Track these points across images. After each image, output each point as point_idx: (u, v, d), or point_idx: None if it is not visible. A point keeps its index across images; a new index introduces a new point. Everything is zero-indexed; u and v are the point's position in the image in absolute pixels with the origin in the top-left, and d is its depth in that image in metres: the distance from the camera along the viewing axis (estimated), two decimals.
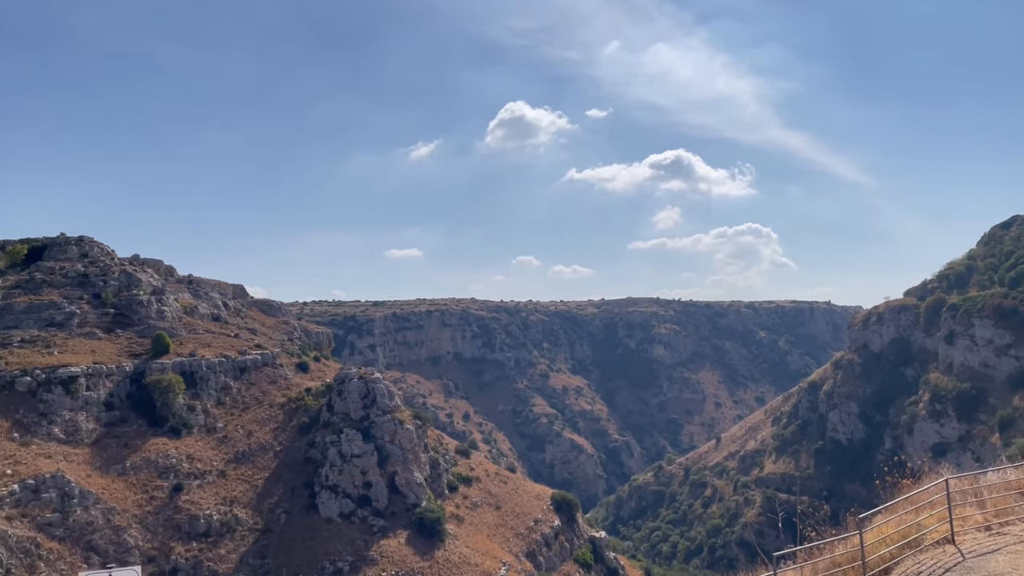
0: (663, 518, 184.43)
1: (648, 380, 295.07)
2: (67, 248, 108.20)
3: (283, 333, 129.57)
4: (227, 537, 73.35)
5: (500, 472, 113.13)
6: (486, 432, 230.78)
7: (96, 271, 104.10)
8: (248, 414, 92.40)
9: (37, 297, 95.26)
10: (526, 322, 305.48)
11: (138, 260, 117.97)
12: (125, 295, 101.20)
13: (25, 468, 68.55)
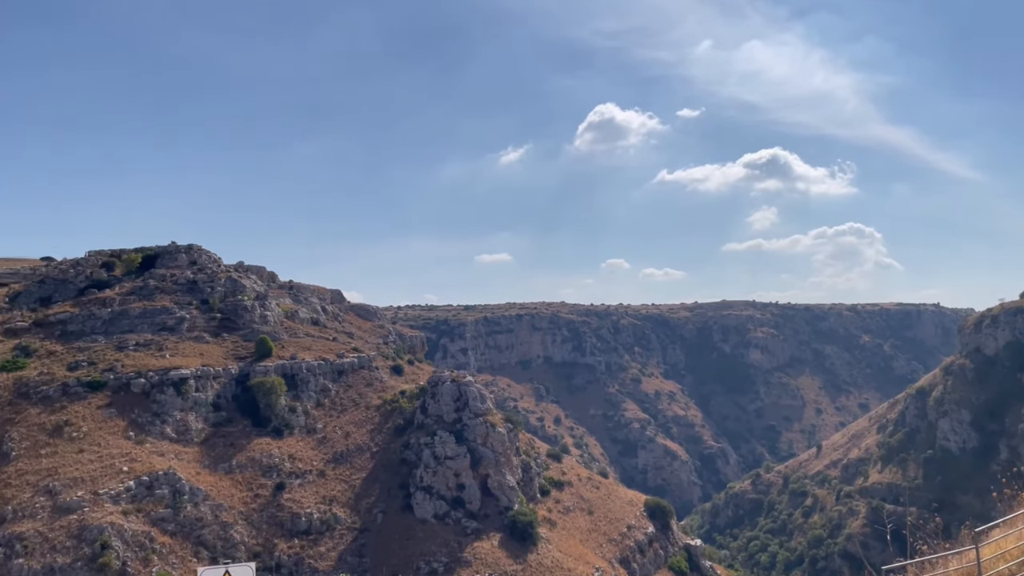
0: (761, 527, 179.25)
1: (744, 385, 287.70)
2: (177, 256, 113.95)
3: (378, 337, 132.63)
4: (327, 535, 75.55)
5: (592, 477, 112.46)
6: (577, 436, 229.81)
7: (204, 278, 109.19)
8: (346, 415, 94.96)
9: (151, 303, 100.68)
10: (617, 326, 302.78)
11: (243, 267, 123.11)
12: (231, 300, 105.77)
13: (140, 465, 72.41)
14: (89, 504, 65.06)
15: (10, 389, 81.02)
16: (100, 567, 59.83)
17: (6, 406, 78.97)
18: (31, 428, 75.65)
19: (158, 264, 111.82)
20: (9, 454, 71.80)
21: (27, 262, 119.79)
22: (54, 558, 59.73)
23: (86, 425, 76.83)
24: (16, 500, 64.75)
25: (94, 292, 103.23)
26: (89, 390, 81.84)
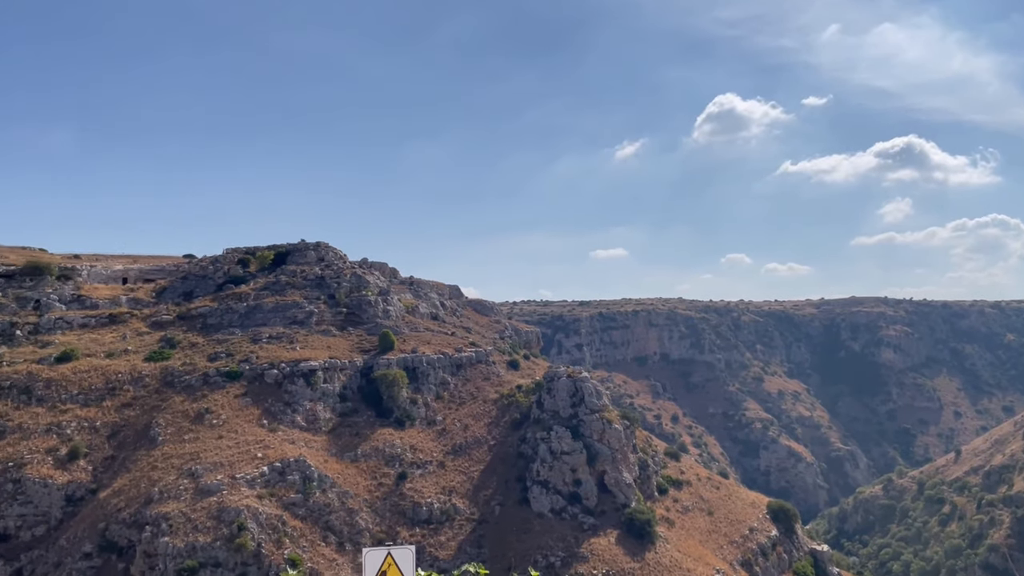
0: (893, 534, 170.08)
1: (874, 386, 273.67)
2: (306, 253, 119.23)
3: (495, 332, 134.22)
4: (446, 525, 77.21)
5: (712, 477, 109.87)
6: (696, 435, 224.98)
7: (331, 274, 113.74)
8: (464, 408, 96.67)
9: (282, 298, 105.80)
10: (737, 322, 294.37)
11: (366, 263, 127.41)
12: (355, 296, 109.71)
13: (273, 452, 76.21)
14: (227, 487, 69.02)
15: (157, 378, 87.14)
16: (237, 547, 63.35)
17: (154, 394, 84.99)
18: (175, 415, 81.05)
19: (289, 261, 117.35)
20: (156, 438, 77.20)
21: (171, 259, 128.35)
22: (196, 537, 63.72)
23: (225, 413, 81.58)
24: (162, 482, 69.49)
25: (231, 287, 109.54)
26: (227, 380, 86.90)
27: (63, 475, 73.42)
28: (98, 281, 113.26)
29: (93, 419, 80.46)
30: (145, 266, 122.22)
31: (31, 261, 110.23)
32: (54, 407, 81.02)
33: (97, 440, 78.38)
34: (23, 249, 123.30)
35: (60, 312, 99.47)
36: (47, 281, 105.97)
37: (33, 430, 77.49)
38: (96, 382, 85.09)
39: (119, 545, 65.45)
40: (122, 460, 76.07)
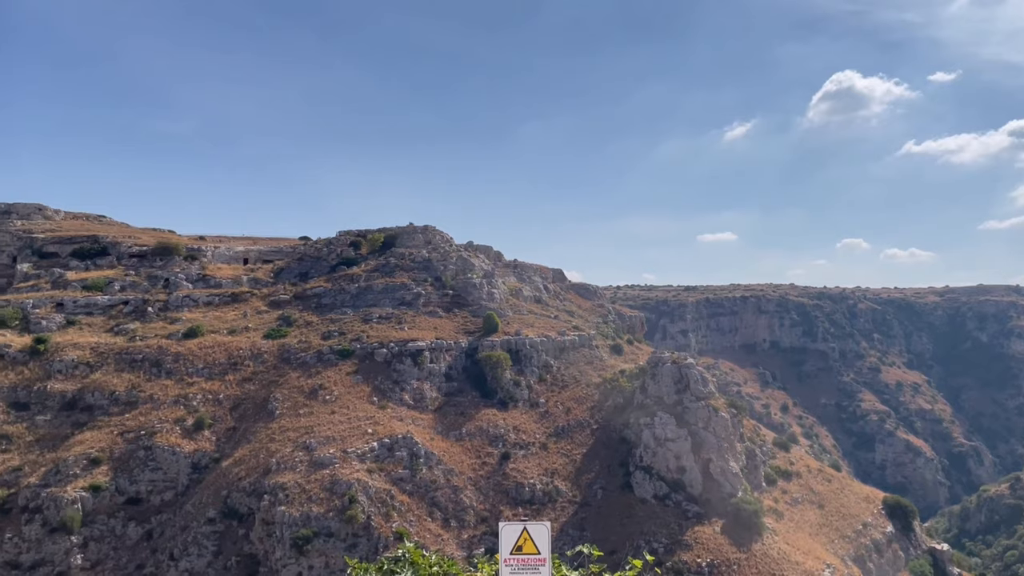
0: (1020, 536, 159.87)
1: (1004, 379, 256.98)
2: (414, 236, 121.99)
3: (598, 316, 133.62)
4: (548, 506, 77.79)
5: (823, 469, 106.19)
6: (806, 426, 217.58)
7: (437, 256, 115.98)
8: (566, 392, 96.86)
9: (391, 279, 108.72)
10: (853, 310, 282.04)
11: (472, 246, 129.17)
12: (461, 278, 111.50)
13: (382, 428, 78.68)
14: (339, 461, 71.79)
15: (275, 354, 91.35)
16: (348, 519, 65.88)
17: (271, 369, 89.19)
18: (292, 390, 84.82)
19: (398, 243, 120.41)
20: (274, 412, 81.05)
21: (288, 241, 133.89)
22: (310, 508, 66.64)
23: (337, 389, 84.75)
24: (279, 454, 72.95)
25: (344, 269, 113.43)
26: (340, 358, 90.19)
27: (190, 444, 78.20)
28: (221, 261, 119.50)
29: (216, 392, 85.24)
30: (264, 248, 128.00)
31: (161, 242, 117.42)
32: (181, 380, 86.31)
33: (220, 412, 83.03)
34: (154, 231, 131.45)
35: (187, 290, 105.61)
36: (175, 261, 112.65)
37: (163, 401, 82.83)
38: (219, 357, 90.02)
39: (240, 512, 69.23)
40: (243, 431, 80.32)
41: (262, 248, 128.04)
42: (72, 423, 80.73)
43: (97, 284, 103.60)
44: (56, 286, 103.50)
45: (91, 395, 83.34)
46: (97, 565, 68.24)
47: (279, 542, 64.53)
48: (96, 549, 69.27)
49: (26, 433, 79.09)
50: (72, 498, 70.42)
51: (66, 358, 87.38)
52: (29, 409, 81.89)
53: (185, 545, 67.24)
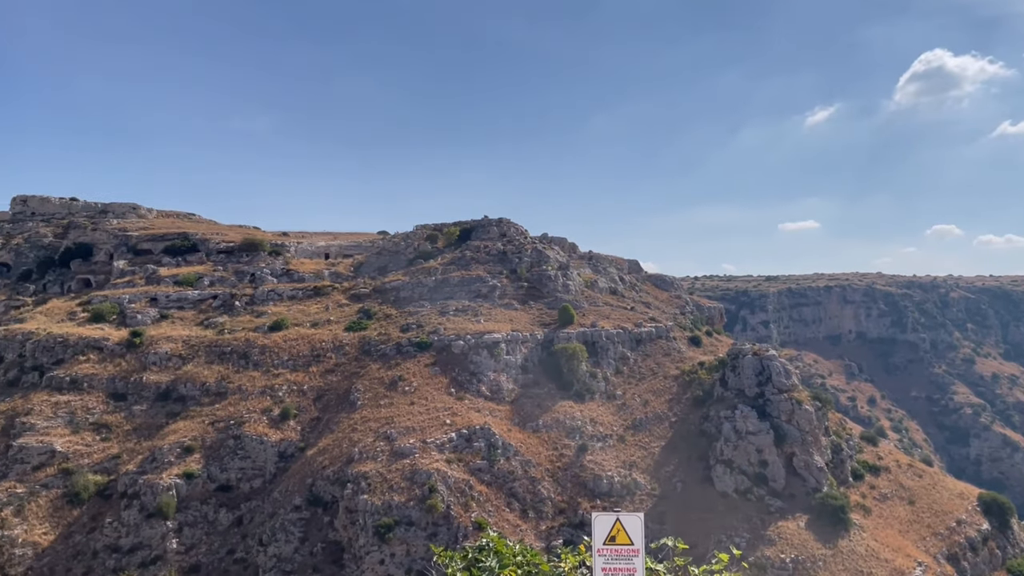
0: None
1: None
2: (489, 229, 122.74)
3: (675, 307, 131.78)
4: (627, 499, 77.29)
5: (914, 464, 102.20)
6: (895, 420, 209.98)
7: (512, 249, 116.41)
8: (644, 384, 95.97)
9: (467, 272, 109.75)
10: (945, 299, 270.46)
11: (546, 238, 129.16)
12: (536, 270, 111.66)
13: (460, 419, 79.57)
14: (419, 451, 72.98)
15: (356, 347, 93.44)
16: (428, 508, 66.95)
17: (353, 361, 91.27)
18: (372, 381, 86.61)
19: (473, 236, 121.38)
20: (356, 403, 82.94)
21: (367, 236, 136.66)
22: (391, 496, 67.98)
23: (416, 381, 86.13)
24: (361, 443, 74.62)
25: (421, 262, 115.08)
26: (418, 350, 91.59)
27: (276, 433, 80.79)
28: (304, 256, 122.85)
29: (301, 383, 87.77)
30: (344, 242, 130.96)
31: (247, 238, 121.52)
32: (268, 371, 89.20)
33: (304, 402, 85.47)
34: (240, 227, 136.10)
35: (272, 285, 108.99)
36: (261, 257, 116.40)
37: (250, 392, 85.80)
38: (303, 349, 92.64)
39: (324, 500, 71.17)
40: (326, 421, 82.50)
41: (342, 243, 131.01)
42: (166, 413, 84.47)
43: (188, 279, 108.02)
44: (150, 282, 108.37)
45: (183, 386, 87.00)
46: (191, 549, 71.27)
47: (362, 530, 66.07)
48: (190, 534, 72.34)
49: (124, 422, 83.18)
50: (167, 485, 73.72)
51: (160, 351, 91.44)
52: (127, 399, 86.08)
53: (273, 531, 69.53)
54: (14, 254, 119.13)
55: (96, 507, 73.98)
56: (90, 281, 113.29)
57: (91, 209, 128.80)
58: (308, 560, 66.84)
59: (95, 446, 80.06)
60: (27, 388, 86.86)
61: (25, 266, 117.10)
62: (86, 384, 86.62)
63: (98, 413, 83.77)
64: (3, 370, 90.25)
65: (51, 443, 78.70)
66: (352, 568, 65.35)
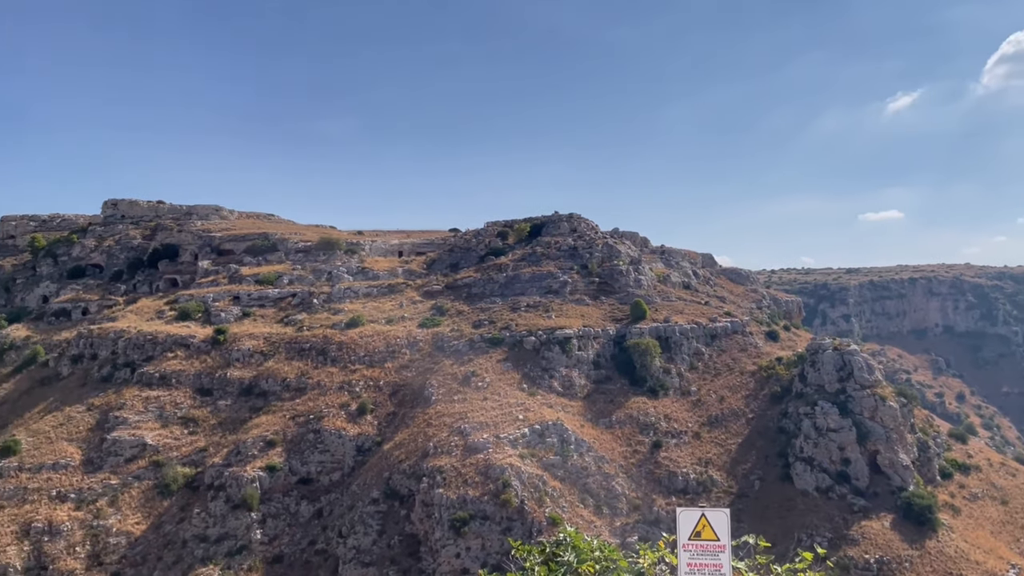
0: None
1: None
2: (560, 224, 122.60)
3: (751, 301, 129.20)
4: (703, 496, 76.22)
5: (1006, 462, 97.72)
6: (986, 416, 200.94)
7: (583, 244, 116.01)
8: (719, 380, 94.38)
9: (538, 268, 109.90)
10: None
11: (617, 233, 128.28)
12: (607, 265, 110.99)
13: (532, 415, 79.79)
14: (492, 446, 73.50)
15: (429, 343, 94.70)
16: (502, 503, 67.38)
17: (427, 357, 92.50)
18: (446, 377, 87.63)
19: (543, 232, 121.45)
20: (430, 398, 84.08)
21: (439, 233, 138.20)
22: (466, 491, 68.69)
23: (488, 376, 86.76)
24: (436, 438, 75.62)
25: (492, 259, 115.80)
26: (490, 346, 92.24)
27: (354, 428, 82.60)
28: (378, 254, 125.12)
29: (377, 379, 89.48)
30: (417, 240, 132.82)
31: (324, 238, 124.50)
32: (345, 367, 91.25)
33: (380, 397, 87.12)
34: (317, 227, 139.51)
35: (348, 283, 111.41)
36: (337, 255, 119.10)
37: (329, 387, 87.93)
38: (378, 345, 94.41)
39: (401, 493, 72.42)
40: (401, 416, 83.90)
41: (415, 241, 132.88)
42: (249, 407, 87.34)
43: (268, 278, 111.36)
44: (232, 281, 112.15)
45: (265, 381, 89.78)
46: (274, 540, 73.54)
47: (438, 523, 66.99)
48: (273, 525, 74.66)
49: (210, 417, 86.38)
50: (251, 477, 76.23)
51: (243, 347, 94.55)
52: (212, 394, 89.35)
53: (352, 524, 71.14)
54: (106, 255, 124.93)
55: (185, 498, 77.09)
56: (177, 281, 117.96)
57: (177, 211, 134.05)
58: (386, 552, 68.14)
59: (183, 439, 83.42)
60: (119, 384, 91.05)
61: (116, 267, 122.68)
62: (174, 380, 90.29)
63: (186, 408, 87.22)
64: (97, 366, 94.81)
65: (142, 436, 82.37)
66: (428, 561, 66.36)
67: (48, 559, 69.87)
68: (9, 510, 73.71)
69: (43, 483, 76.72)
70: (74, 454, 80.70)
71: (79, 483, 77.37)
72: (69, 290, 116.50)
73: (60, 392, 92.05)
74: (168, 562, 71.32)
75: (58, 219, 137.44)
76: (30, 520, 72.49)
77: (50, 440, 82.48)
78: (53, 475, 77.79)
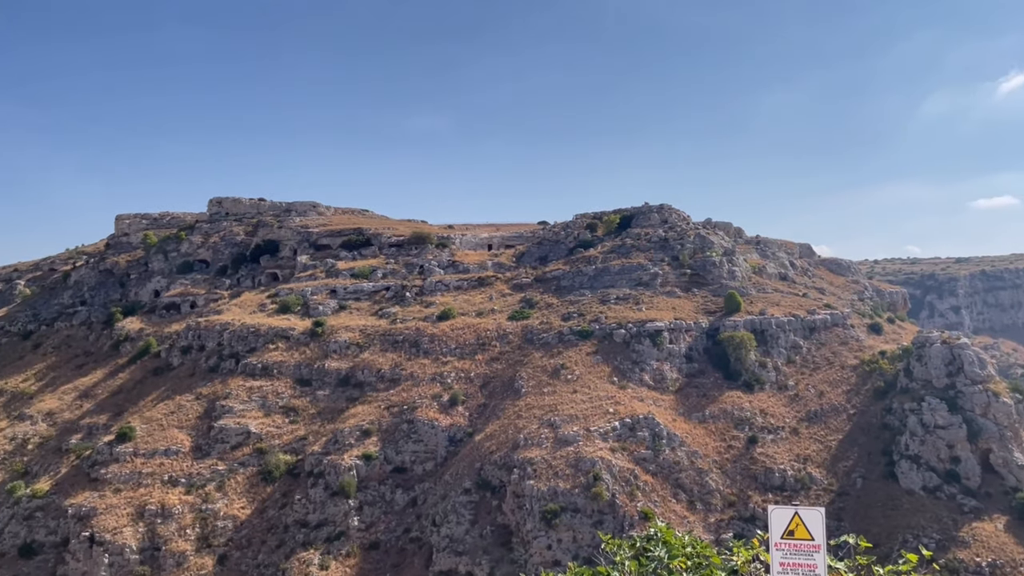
0: None
1: None
2: (650, 216, 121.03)
3: (852, 293, 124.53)
4: (801, 494, 74.01)
5: None
6: None
7: (674, 235, 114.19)
8: (818, 374, 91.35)
9: (628, 260, 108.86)
10: None
11: (710, 224, 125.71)
12: (699, 257, 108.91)
13: (623, 408, 79.21)
14: (582, 439, 73.41)
15: (519, 335, 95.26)
16: (593, 496, 67.24)
17: (516, 349, 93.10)
18: (535, 369, 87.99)
19: (633, 224, 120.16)
20: (520, 390, 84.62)
21: (528, 226, 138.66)
22: (556, 483, 68.86)
23: (578, 369, 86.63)
24: (526, 430, 76.05)
25: (581, 251, 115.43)
26: (579, 338, 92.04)
27: (446, 418, 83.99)
28: (468, 248, 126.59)
29: (468, 370, 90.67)
30: (506, 234, 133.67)
31: (416, 232, 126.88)
32: (437, 359, 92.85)
33: (471, 389, 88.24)
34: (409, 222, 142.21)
35: (439, 276, 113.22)
36: (428, 249, 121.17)
37: (421, 378, 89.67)
38: (469, 338, 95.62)
39: (492, 484, 73.22)
40: (492, 408, 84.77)
41: (504, 234, 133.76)
42: (346, 398, 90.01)
43: (363, 272, 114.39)
44: (329, 275, 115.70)
45: (361, 372, 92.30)
46: (371, 527, 75.61)
47: (529, 514, 67.41)
48: (370, 512, 76.78)
49: (309, 406, 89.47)
50: (348, 465, 78.58)
51: (340, 339, 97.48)
52: (311, 385, 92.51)
53: (445, 513, 72.40)
54: (212, 251, 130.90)
55: (286, 484, 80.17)
56: (277, 275, 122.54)
57: (277, 208, 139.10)
58: (478, 542, 69.05)
59: (284, 428, 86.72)
60: (225, 374, 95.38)
61: (221, 262, 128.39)
62: (275, 370, 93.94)
63: (286, 397, 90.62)
64: (205, 357, 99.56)
65: (247, 425, 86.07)
66: (520, 551, 66.88)
67: (161, 540, 73.96)
68: (125, 493, 78.38)
69: (156, 468, 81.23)
70: (184, 441, 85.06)
71: (189, 468, 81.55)
72: (178, 285, 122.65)
73: (171, 382, 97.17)
74: (272, 546, 74.36)
75: (168, 217, 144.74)
76: (144, 503, 76.90)
77: (162, 427, 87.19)
78: (165, 460, 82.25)
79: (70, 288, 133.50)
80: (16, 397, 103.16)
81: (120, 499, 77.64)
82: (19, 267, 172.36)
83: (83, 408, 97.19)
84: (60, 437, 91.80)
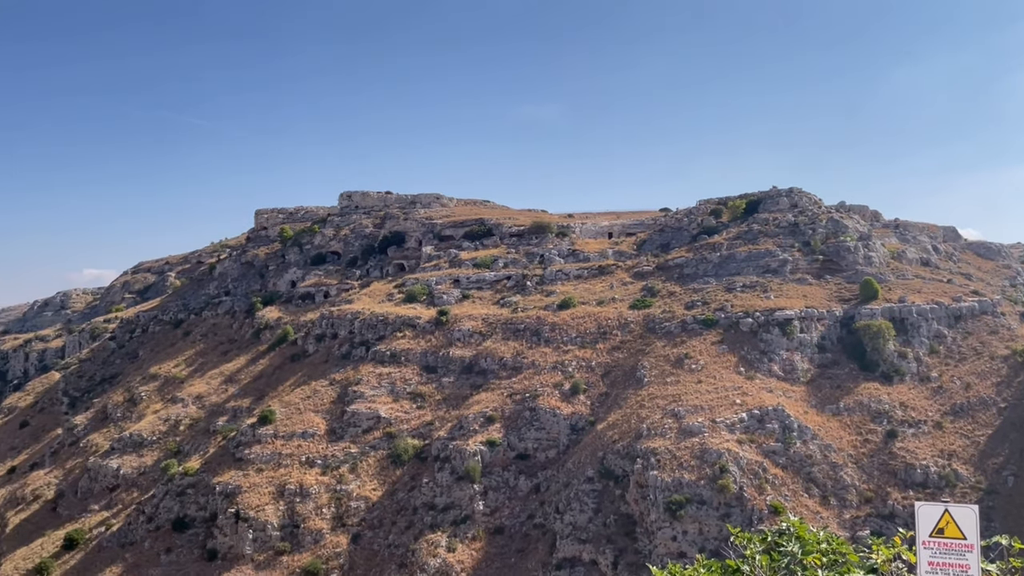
0: None
1: None
2: (778, 200, 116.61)
3: (1003, 278, 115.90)
4: (945, 491, 69.71)
5: None
6: None
7: (805, 220, 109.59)
8: (965, 365, 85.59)
9: (755, 246, 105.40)
10: None
11: (844, 207, 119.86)
12: (832, 242, 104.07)
13: (750, 399, 76.99)
14: (708, 430, 71.92)
15: (641, 324, 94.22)
16: (719, 488, 65.82)
17: (638, 339, 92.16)
18: (658, 359, 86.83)
19: (760, 209, 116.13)
20: (643, 380, 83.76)
21: (649, 214, 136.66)
22: (681, 474, 67.84)
23: (702, 359, 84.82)
24: (649, 420, 75.26)
25: (704, 238, 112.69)
26: (703, 327, 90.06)
27: (567, 407, 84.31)
28: (588, 237, 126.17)
29: (589, 359, 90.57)
30: (627, 221, 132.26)
31: (536, 222, 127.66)
32: (558, 347, 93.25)
33: (592, 378, 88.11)
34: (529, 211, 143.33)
35: (559, 265, 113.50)
36: (548, 239, 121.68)
37: (543, 367, 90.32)
38: (589, 327, 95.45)
39: (615, 473, 72.98)
40: (614, 397, 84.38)
41: (625, 222, 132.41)
42: (470, 385, 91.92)
43: (485, 262, 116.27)
44: (453, 265, 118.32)
45: (484, 360, 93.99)
46: (495, 512, 77.06)
47: (653, 505, 66.77)
48: (494, 498, 78.24)
49: (435, 393, 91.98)
50: (473, 451, 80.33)
51: (463, 328, 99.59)
52: (436, 372, 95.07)
53: (568, 500, 72.82)
54: (343, 243, 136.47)
55: (414, 468, 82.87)
56: (404, 265, 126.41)
57: (403, 201, 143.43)
58: (602, 530, 69.06)
59: (412, 413, 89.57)
60: (356, 361, 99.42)
61: (351, 253, 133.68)
62: (403, 358, 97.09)
63: (413, 384, 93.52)
64: (337, 344, 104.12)
65: (377, 410, 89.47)
66: (644, 542, 66.40)
67: (300, 518, 78.17)
68: (267, 472, 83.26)
69: (294, 449, 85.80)
70: (319, 424, 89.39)
71: (324, 451, 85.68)
72: (312, 275, 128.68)
73: (307, 368, 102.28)
74: (401, 527, 77.13)
75: (302, 211, 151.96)
76: (284, 483, 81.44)
77: (299, 411, 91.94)
78: (303, 442, 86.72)
79: (215, 279, 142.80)
80: (169, 381, 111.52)
81: (262, 478, 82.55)
82: (170, 260, 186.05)
83: (228, 392, 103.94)
84: (208, 419, 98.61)
